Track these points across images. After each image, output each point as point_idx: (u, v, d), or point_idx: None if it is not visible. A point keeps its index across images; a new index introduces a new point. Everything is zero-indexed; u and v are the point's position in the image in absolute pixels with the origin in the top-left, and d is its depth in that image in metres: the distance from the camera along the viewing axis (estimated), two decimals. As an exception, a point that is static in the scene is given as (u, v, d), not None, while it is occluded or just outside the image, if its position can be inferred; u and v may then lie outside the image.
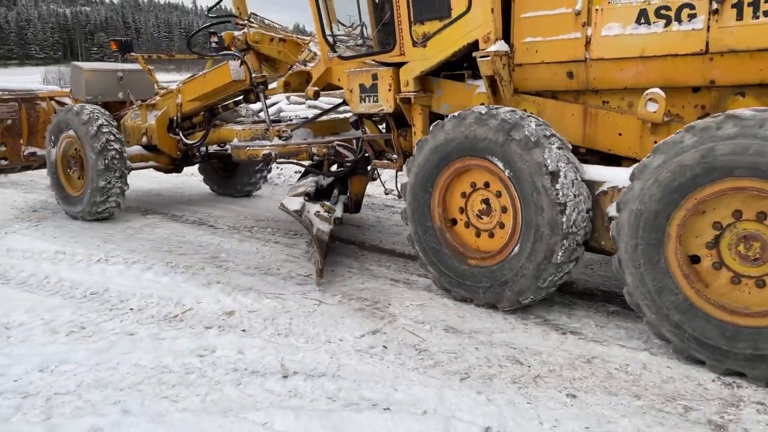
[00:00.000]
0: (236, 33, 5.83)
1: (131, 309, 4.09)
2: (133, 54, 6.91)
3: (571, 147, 3.74)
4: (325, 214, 4.89)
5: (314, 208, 4.89)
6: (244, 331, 3.72)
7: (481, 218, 4.01)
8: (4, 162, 7.39)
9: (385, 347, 3.46)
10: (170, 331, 3.72)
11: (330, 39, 5.12)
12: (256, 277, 4.71)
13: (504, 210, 3.88)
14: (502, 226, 3.91)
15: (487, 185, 3.93)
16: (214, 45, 6.21)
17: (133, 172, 6.58)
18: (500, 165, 3.71)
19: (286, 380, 3.09)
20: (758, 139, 2.82)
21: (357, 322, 3.81)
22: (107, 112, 6.59)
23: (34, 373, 3.20)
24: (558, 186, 3.49)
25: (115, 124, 6.53)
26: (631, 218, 3.21)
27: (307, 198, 4.95)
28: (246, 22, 5.83)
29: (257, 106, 6.88)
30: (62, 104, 7.36)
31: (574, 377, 3.09)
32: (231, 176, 7.82)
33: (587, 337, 3.53)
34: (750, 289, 3.01)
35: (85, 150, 6.37)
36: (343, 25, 5.42)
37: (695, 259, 3.14)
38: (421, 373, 3.16)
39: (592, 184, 3.61)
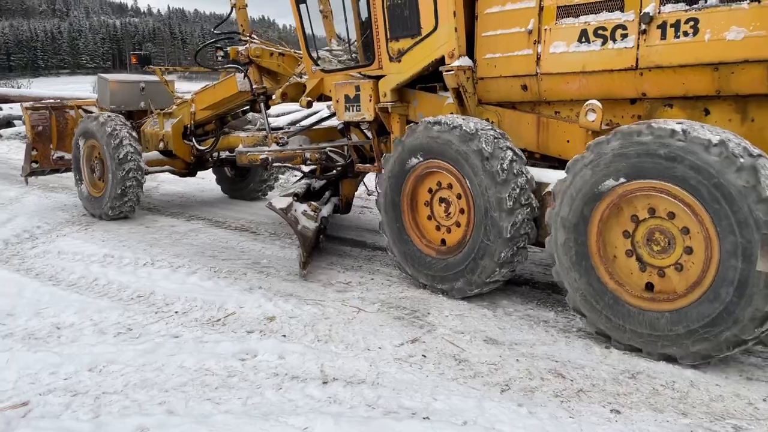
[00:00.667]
0: (240, 48, 6.24)
1: (176, 312, 4.18)
2: (151, 66, 7.32)
3: (524, 156, 4.15)
4: (312, 213, 5.23)
5: (302, 207, 5.25)
6: (284, 336, 3.77)
7: (436, 212, 4.53)
8: (35, 165, 7.88)
9: (425, 356, 3.46)
10: (213, 334, 3.79)
11: (313, 54, 5.64)
12: (297, 284, 4.77)
13: (462, 211, 4.32)
14: (458, 224, 4.38)
15: (450, 186, 4.40)
16: (220, 58, 6.57)
17: (173, 178, 6.77)
18: (458, 170, 4.20)
19: (326, 386, 3.12)
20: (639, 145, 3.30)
21: (396, 330, 3.82)
22: (129, 124, 7.04)
23: (84, 373, 3.30)
24: (507, 194, 3.93)
25: (135, 136, 6.96)
26: (579, 202, 3.59)
27: (295, 198, 5.30)
28: (248, 38, 6.28)
29: (284, 118, 7.10)
30: (89, 112, 7.76)
31: (618, 392, 3.03)
32: (243, 180, 8.29)
33: (632, 352, 3.46)
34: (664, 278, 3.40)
35: (106, 158, 6.83)
36: (340, 39, 6.01)
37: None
38: (460, 383, 3.15)
39: (539, 186, 4.04)
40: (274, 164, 5.85)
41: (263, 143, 6.20)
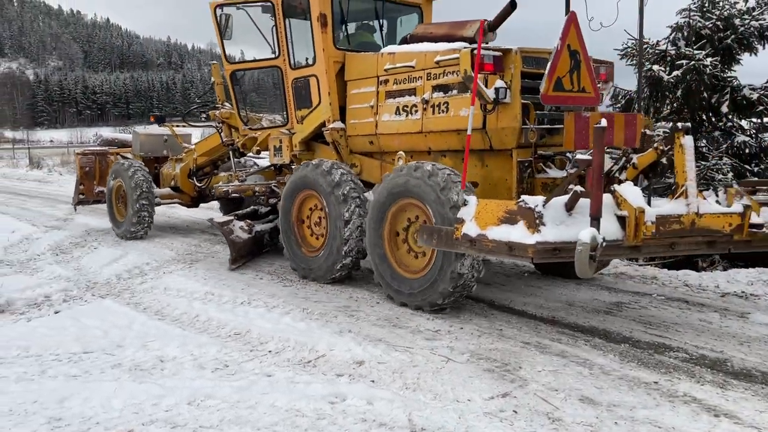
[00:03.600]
0: (216, 111, 8.43)
1: (270, 351, 4.31)
2: (165, 124, 9.85)
3: (362, 186, 6.02)
4: (246, 228, 7.13)
5: (239, 223, 7.10)
6: (373, 381, 3.78)
7: (316, 227, 6.38)
8: (81, 196, 10.13)
9: (516, 412, 3.35)
10: (304, 375, 3.87)
11: (244, 117, 7.86)
12: (386, 329, 4.79)
13: (322, 222, 6.27)
14: (322, 236, 6.24)
15: (315, 208, 6.36)
16: (203, 119, 9.01)
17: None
18: (320, 193, 6.09)
19: (414, 436, 3.07)
20: (405, 174, 5.15)
21: (486, 383, 3.73)
22: (146, 169, 8.98)
23: (183, 406, 3.45)
24: (347, 209, 5.81)
25: (149, 178, 8.85)
26: (373, 209, 5.49)
27: (236, 217, 7.20)
28: (221, 105, 8.45)
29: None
30: (125, 158, 9.67)
31: (730, 467, 2.79)
32: (238, 207, 8.97)
33: (744, 422, 3.19)
34: (412, 257, 5.35)
35: (128, 194, 8.78)
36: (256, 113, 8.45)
37: (398, 234, 5.47)
38: (554, 443, 3.01)
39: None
40: (232, 194, 8.15)
41: (230, 181, 8.29)
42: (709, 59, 6.85)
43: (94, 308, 5.39)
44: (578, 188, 3.73)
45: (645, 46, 7.46)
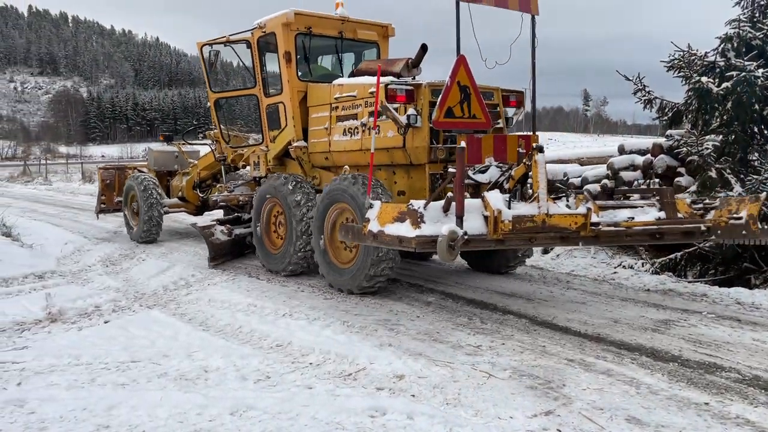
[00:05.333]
0: (211, 132, 9.68)
1: (311, 363, 4.34)
2: (173, 142, 11.29)
3: (315, 194, 7.13)
4: (226, 231, 8.19)
5: (220, 228, 8.22)
6: (413, 396, 3.76)
7: (281, 228, 7.49)
8: (103, 206, 11.45)
9: (559, 431, 3.28)
10: (345, 388, 3.88)
11: (226, 137, 9.24)
12: (426, 343, 4.76)
13: (282, 225, 7.44)
14: (282, 237, 7.40)
15: (279, 214, 7.52)
16: (201, 137, 10.48)
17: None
18: (281, 201, 7.25)
19: (455, 453, 3.04)
20: (339, 184, 6.30)
21: (529, 400, 3.67)
22: (156, 181, 10.18)
23: (226, 416, 3.50)
24: (299, 212, 6.97)
25: (159, 189, 10.04)
26: (316, 212, 6.63)
27: (218, 222, 8.40)
28: (214, 126, 9.45)
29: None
30: (141, 171, 10.93)
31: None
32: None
33: None
34: (345, 250, 6.47)
35: (140, 203, 9.91)
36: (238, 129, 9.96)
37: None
38: (599, 464, 2.93)
39: None
40: (219, 203, 9.25)
41: (220, 192, 9.34)
42: (761, 70, 6.63)
43: (141, 318, 5.54)
44: (449, 194, 4.66)
45: (692, 57, 7.29)
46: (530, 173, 5.14)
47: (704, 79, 6.96)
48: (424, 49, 6.76)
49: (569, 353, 4.50)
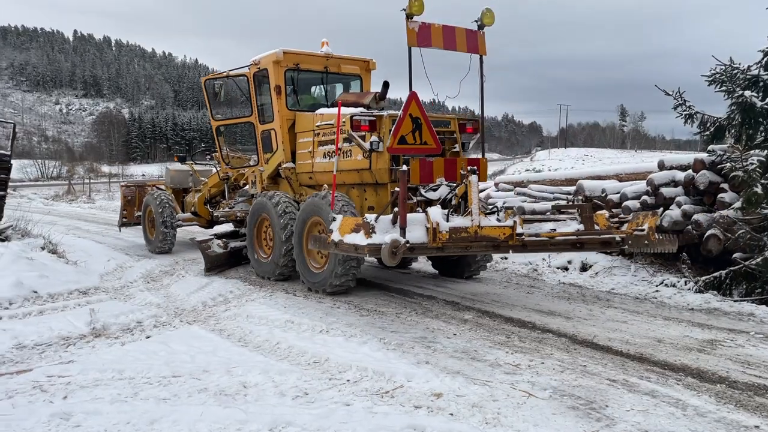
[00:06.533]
0: (215, 153, 10.75)
1: (348, 380, 4.34)
2: (187, 162, 12.18)
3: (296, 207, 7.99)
4: (222, 244, 9.01)
5: (217, 241, 9.04)
6: (451, 414, 3.72)
7: (270, 240, 8.28)
8: (125, 219, 12.58)
9: (603, 453, 3.20)
10: (382, 406, 3.86)
11: (225, 159, 10.40)
12: (464, 362, 4.72)
13: (271, 237, 8.29)
14: (270, 246, 8.28)
15: (268, 227, 8.38)
16: (208, 159, 11.82)
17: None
18: (269, 215, 8.11)
19: (495, 473, 2.99)
20: (312, 200, 7.37)
21: (571, 420, 3.60)
22: (171, 197, 11.20)
23: None
24: (284, 225, 7.79)
25: (173, 204, 11.03)
26: (296, 224, 7.61)
27: (215, 236, 9.24)
28: (217, 150, 10.53)
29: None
30: (159, 188, 11.89)
31: None
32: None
33: None
34: (319, 257, 7.43)
35: (156, 218, 10.93)
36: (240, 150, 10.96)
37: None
38: (645, 488, 2.85)
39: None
40: (220, 218, 10.57)
41: (224, 208, 10.41)
42: (807, 83, 6.46)
43: (181, 334, 5.63)
44: (395, 209, 5.52)
45: (735, 71, 7.14)
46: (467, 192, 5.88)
47: (747, 93, 6.81)
48: (386, 85, 7.94)
49: (611, 373, 4.40)
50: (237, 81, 9.50)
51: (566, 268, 8.66)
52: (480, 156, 7.38)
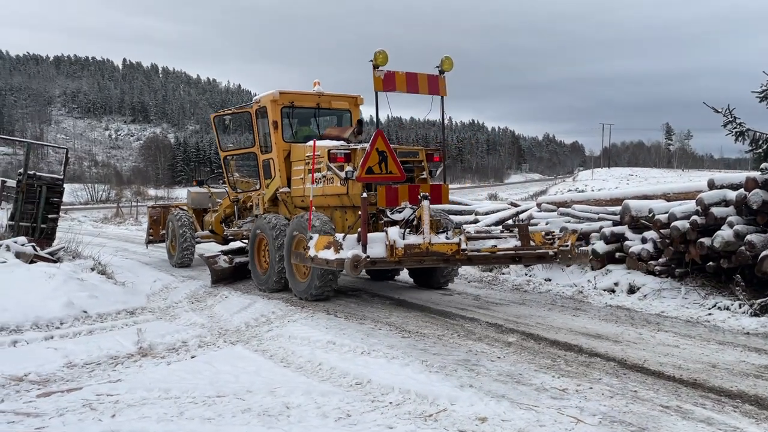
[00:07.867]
0: (223, 180, 11.85)
1: (390, 403, 4.29)
2: (205, 185, 13.27)
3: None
4: (228, 260, 10.06)
5: (223, 257, 10.10)
6: (497, 440, 3.63)
7: (266, 255, 9.28)
8: (151, 237, 14.10)
9: (657, 483, 3.06)
10: (426, 429, 3.80)
11: (232, 184, 11.43)
12: (508, 385, 4.62)
13: (266, 253, 9.26)
14: (267, 261, 9.17)
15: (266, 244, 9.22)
16: (221, 183, 12.54)
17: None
18: (266, 234, 9.07)
19: (544, 502, 2.90)
20: (298, 221, 8.46)
21: (622, 448, 3.47)
22: (193, 218, 12.63)
23: (308, 453, 3.50)
24: (277, 242, 8.69)
25: (191, 223, 12.47)
26: (286, 240, 8.50)
27: (222, 253, 10.39)
28: (225, 177, 11.53)
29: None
30: (182, 209, 13.02)
31: None
32: None
33: None
34: (303, 270, 8.33)
35: (177, 233, 12.39)
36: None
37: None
38: None
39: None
40: (229, 237, 11.66)
41: (234, 227, 11.38)
42: None
43: (225, 354, 5.68)
44: (359, 229, 6.77)
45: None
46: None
47: (800, 108, 6.58)
48: (360, 123, 9.63)
49: (663, 399, 4.24)
50: (242, 117, 10.75)
51: (613, 290, 8.42)
52: (442, 183, 8.42)
